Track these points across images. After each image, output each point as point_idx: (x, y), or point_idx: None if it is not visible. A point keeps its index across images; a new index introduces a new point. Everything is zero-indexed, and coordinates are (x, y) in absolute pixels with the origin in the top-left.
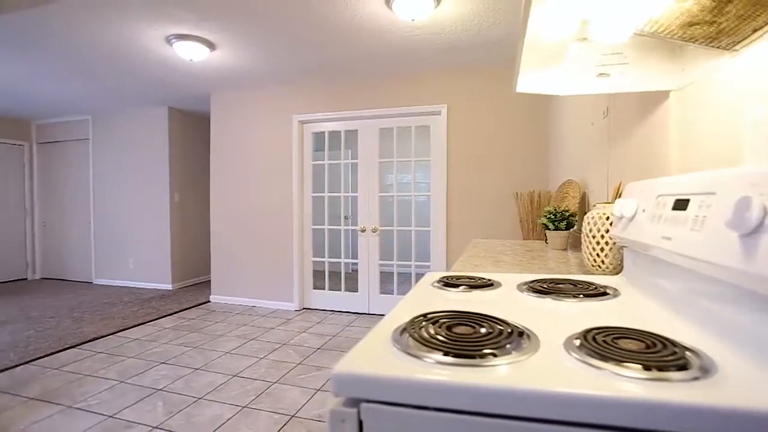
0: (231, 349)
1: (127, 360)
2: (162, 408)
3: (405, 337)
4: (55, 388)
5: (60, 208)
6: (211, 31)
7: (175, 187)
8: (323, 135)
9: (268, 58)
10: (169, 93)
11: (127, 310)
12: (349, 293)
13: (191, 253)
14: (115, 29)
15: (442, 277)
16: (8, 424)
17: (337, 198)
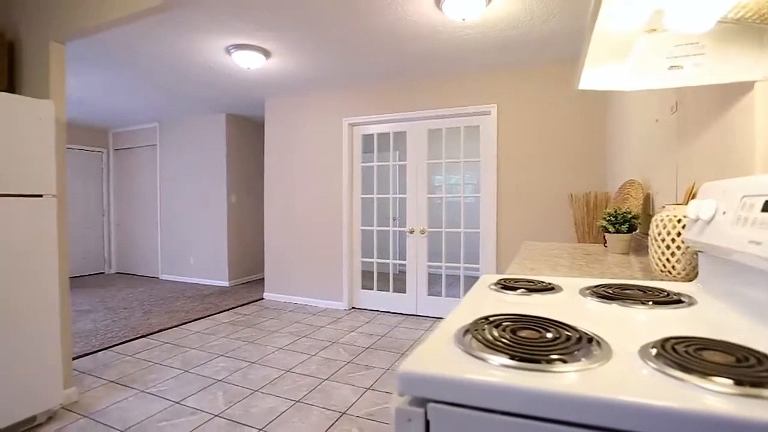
0: (284, 345)
1: (190, 351)
2: (222, 398)
3: (468, 338)
4: (129, 373)
5: (131, 209)
6: (267, 39)
7: (232, 189)
8: (372, 137)
9: (320, 63)
10: (227, 100)
11: (189, 304)
12: (396, 294)
13: (246, 252)
14: (182, 43)
15: (499, 280)
16: (93, 402)
17: (385, 199)
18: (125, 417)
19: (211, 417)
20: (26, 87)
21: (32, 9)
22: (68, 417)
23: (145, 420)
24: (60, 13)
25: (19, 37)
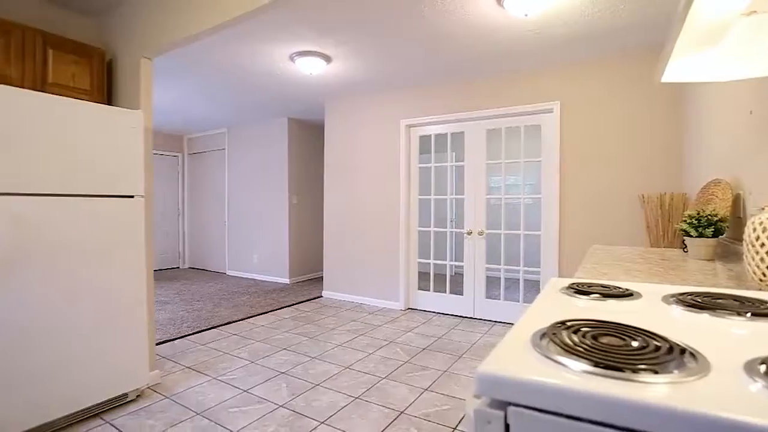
0: (342, 342)
1: (256, 343)
2: (286, 389)
3: (545, 342)
4: (203, 361)
5: (202, 209)
6: (328, 45)
7: (293, 191)
8: (429, 138)
9: (379, 66)
10: (289, 105)
11: (253, 299)
12: (453, 296)
13: (306, 251)
14: (250, 53)
15: (571, 284)
16: (173, 385)
17: (442, 200)
18: (201, 401)
19: (276, 407)
20: (120, 99)
21: (126, 30)
22: (153, 396)
23: (218, 405)
24: (148, 33)
25: (116, 56)
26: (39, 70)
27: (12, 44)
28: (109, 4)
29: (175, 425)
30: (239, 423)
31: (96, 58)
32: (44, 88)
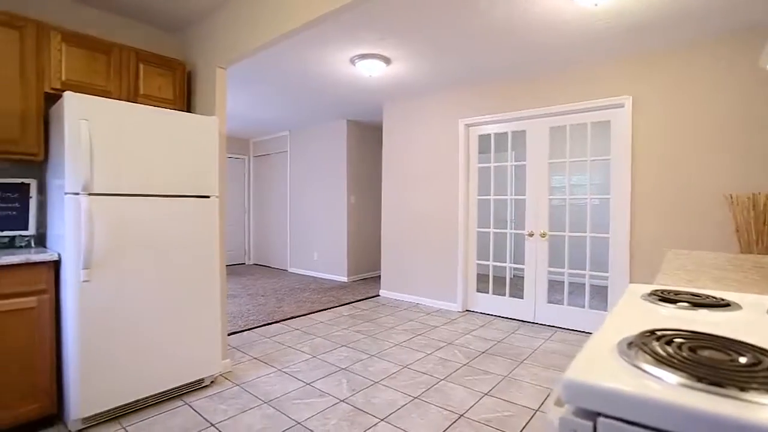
0: (400, 341)
1: (317, 339)
2: (346, 385)
3: (635, 351)
4: (269, 353)
5: (266, 209)
6: (388, 47)
7: (351, 191)
8: (489, 137)
9: (437, 66)
10: (348, 107)
11: (314, 296)
12: (513, 299)
13: (364, 250)
14: (312, 57)
15: (653, 291)
16: (242, 374)
17: (502, 201)
18: (267, 390)
19: (337, 401)
20: (198, 106)
21: (204, 44)
22: (225, 383)
23: (283, 396)
24: (223, 45)
25: (195, 67)
26: (132, 84)
27: (112, 62)
28: (189, 20)
29: (245, 412)
30: (303, 414)
31: (178, 70)
32: (136, 99)
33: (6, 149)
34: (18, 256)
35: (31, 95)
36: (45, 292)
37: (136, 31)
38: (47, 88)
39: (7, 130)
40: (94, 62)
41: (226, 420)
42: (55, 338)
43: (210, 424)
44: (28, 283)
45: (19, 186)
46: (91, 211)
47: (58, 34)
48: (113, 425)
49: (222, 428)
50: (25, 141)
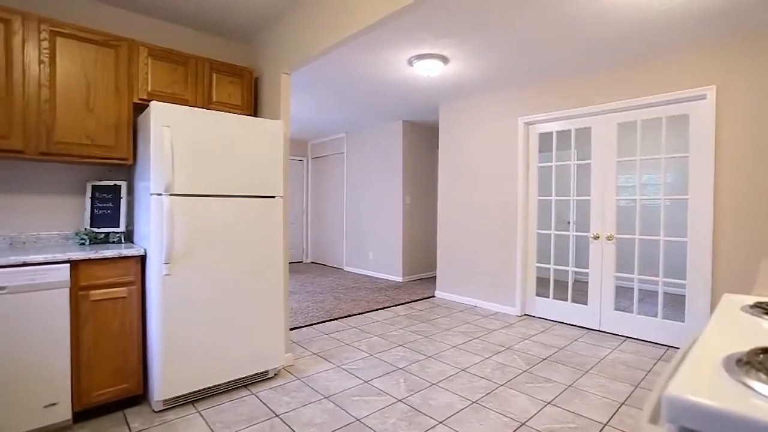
0: (457, 344)
1: (374, 338)
2: (403, 385)
3: (745, 369)
4: (328, 349)
5: (323, 208)
6: (446, 47)
7: (407, 191)
8: (550, 135)
9: (496, 63)
10: (404, 108)
11: (369, 295)
12: (576, 305)
13: (418, 251)
14: (370, 60)
15: (758, 303)
16: (303, 369)
17: (564, 202)
18: (327, 386)
19: (395, 401)
20: (264, 111)
21: (269, 51)
22: (287, 377)
23: (342, 392)
24: (287, 51)
25: (262, 73)
26: (206, 92)
27: (189, 72)
28: (256, 30)
29: (307, 405)
30: (362, 411)
31: (246, 77)
32: (210, 106)
33: (104, 155)
34: (112, 251)
35: (123, 106)
36: (133, 284)
37: (208, 42)
38: (136, 98)
39: (106, 138)
40: (174, 73)
41: (289, 412)
42: (141, 326)
43: (274, 415)
44: (120, 274)
45: (112, 188)
46: (172, 210)
47: (145, 49)
48: (189, 409)
49: (285, 419)
50: (118, 147)
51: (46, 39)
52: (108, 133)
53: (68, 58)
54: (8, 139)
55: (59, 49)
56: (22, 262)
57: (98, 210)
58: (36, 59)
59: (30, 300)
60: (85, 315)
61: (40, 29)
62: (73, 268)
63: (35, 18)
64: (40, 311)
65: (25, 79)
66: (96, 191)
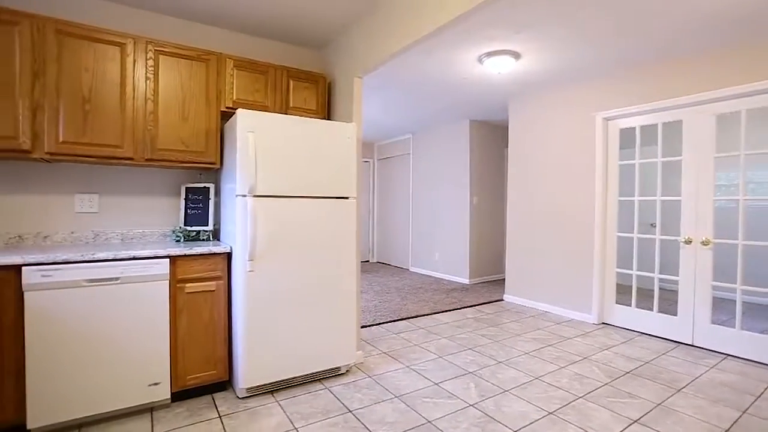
0: (529, 350)
1: (442, 339)
2: (474, 390)
3: None
4: (396, 349)
5: (389, 209)
6: (518, 42)
7: (474, 192)
8: (633, 131)
9: (572, 56)
10: (471, 107)
11: (436, 296)
12: (663, 315)
13: (485, 252)
14: (439, 60)
15: None
16: (373, 367)
17: (649, 202)
18: (397, 385)
19: (466, 405)
20: (337, 114)
21: (342, 56)
22: (358, 374)
23: (413, 393)
24: (359, 56)
25: (334, 78)
26: (284, 98)
27: (268, 81)
28: (329, 37)
29: (379, 403)
30: (433, 414)
31: (320, 82)
32: (287, 111)
33: (196, 160)
34: (203, 248)
35: (212, 114)
36: (221, 279)
37: (283, 50)
38: (222, 107)
39: (198, 144)
40: (255, 82)
41: (361, 408)
42: (227, 318)
43: (348, 410)
44: (210, 270)
45: (203, 189)
46: (255, 210)
47: (231, 61)
48: (268, 398)
49: (358, 416)
50: (208, 152)
51: (152, 58)
52: (199, 140)
53: (168, 73)
54: (122, 148)
55: (161, 65)
56: (132, 256)
57: (190, 210)
58: (143, 76)
59: (137, 290)
60: (181, 306)
61: (147, 49)
62: (171, 263)
63: (143, 40)
64: (145, 300)
65: (135, 95)
66: (189, 193)
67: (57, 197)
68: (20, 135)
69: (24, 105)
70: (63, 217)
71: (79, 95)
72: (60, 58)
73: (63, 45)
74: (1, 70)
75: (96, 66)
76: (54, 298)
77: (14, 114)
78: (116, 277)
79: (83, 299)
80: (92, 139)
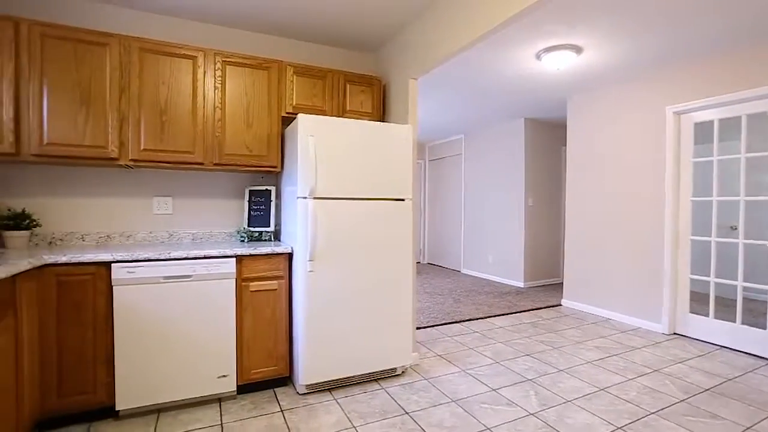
0: (592, 359)
1: (497, 344)
2: (534, 398)
3: None
4: (452, 352)
5: (440, 210)
6: (580, 35)
7: (529, 192)
8: (710, 125)
9: (638, 46)
10: (527, 105)
11: (490, 299)
12: (748, 328)
13: (541, 255)
14: (494, 57)
15: None
16: (429, 369)
17: (731, 203)
18: (454, 389)
19: (526, 414)
20: (392, 116)
21: (397, 58)
22: (414, 375)
23: (471, 397)
24: (413, 57)
25: (389, 80)
26: (341, 101)
27: (326, 85)
28: (384, 40)
29: (436, 406)
30: (492, 420)
31: (376, 85)
32: (343, 115)
33: (259, 163)
34: (266, 248)
35: (274, 120)
36: (282, 278)
37: (340, 55)
38: (283, 112)
39: (260, 148)
40: (313, 87)
41: (419, 411)
42: (288, 317)
43: (405, 412)
44: (272, 269)
45: (264, 192)
46: (316, 212)
47: (291, 68)
48: (327, 395)
49: (416, 418)
50: (270, 156)
51: (219, 69)
52: (262, 144)
53: (234, 82)
54: (193, 154)
55: (228, 75)
56: (204, 255)
57: (253, 211)
58: (212, 86)
59: (207, 287)
60: (245, 303)
61: (215, 60)
62: (238, 262)
63: (212, 52)
64: (214, 297)
65: (205, 104)
66: (252, 195)
67: (138, 200)
68: (109, 144)
69: (112, 117)
70: (143, 219)
71: (157, 107)
72: (142, 73)
73: (144, 61)
74: (95, 87)
75: (171, 79)
76: (137, 293)
77: (105, 126)
78: (189, 274)
79: (161, 294)
80: (168, 147)
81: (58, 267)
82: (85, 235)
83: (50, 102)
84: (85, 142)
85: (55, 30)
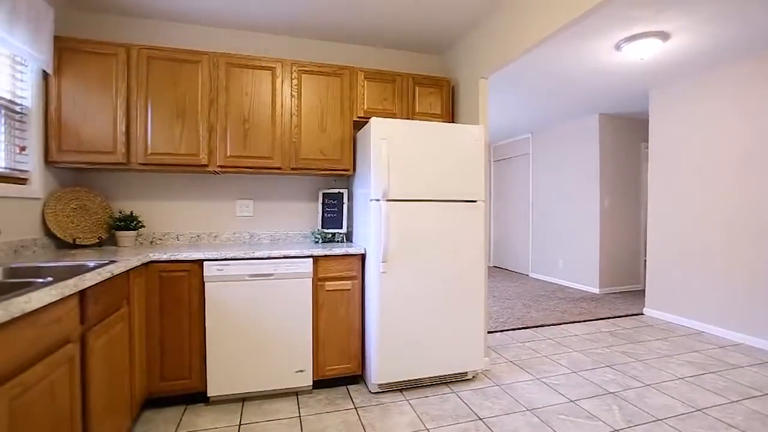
0: (684, 375)
1: (573, 353)
2: (618, 413)
3: None
4: (523, 359)
5: (506, 212)
6: (667, 20)
7: (605, 193)
8: None
9: (737, 25)
10: (601, 100)
11: (562, 305)
12: None
13: (619, 260)
14: (568, 51)
15: None
16: (500, 375)
17: None
18: (528, 398)
19: (611, 430)
20: (461, 117)
21: (466, 58)
22: (485, 381)
23: (547, 408)
24: (483, 56)
25: (457, 80)
26: (410, 104)
27: (396, 89)
28: (452, 41)
29: (509, 414)
30: None
31: (444, 86)
32: (413, 117)
33: (333, 167)
34: (340, 249)
35: (346, 124)
36: (356, 278)
37: (408, 58)
38: (355, 117)
39: (334, 152)
40: (384, 91)
41: (491, 418)
42: (361, 316)
43: (477, 417)
44: (346, 270)
45: (337, 194)
46: (389, 214)
47: (362, 74)
48: (398, 396)
49: (489, 425)
50: (343, 160)
51: (296, 78)
52: (335, 149)
53: (309, 89)
54: (272, 159)
55: (303, 83)
56: (284, 255)
57: (327, 213)
58: (289, 94)
59: (287, 285)
60: (321, 302)
61: (292, 70)
62: (314, 262)
63: (289, 62)
64: (293, 295)
65: (282, 111)
66: (325, 197)
67: (223, 203)
68: (200, 152)
69: (203, 127)
70: (227, 220)
71: (240, 116)
72: (228, 86)
73: (230, 75)
74: (189, 100)
75: (253, 89)
76: (225, 289)
77: (197, 135)
78: (271, 273)
79: (246, 291)
80: (250, 153)
81: (161, 264)
82: (179, 235)
83: (153, 116)
84: (181, 151)
85: (158, 52)
